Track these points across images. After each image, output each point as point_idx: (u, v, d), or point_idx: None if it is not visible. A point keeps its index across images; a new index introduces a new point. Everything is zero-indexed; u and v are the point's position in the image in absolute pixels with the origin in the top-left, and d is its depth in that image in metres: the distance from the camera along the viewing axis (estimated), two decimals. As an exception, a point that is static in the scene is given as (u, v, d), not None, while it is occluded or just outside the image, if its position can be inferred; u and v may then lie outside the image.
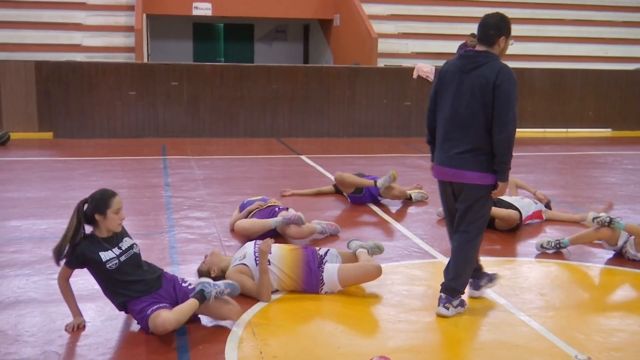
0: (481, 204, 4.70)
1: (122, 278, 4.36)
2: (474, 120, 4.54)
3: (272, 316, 4.73)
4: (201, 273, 5.19)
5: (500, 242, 6.70)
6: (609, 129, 16.52)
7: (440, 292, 4.79)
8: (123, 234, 4.52)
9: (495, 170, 4.58)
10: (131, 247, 4.48)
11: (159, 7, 19.19)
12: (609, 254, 6.20)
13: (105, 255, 4.33)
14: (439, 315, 4.69)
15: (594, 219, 6.04)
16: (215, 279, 5.05)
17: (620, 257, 6.07)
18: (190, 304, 4.34)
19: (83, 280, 4.86)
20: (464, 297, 4.86)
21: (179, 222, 7.13)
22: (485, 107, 4.50)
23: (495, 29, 4.58)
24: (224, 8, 19.99)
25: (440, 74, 4.77)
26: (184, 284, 4.60)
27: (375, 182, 7.94)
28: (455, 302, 4.74)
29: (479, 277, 5.06)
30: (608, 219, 5.95)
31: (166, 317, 4.21)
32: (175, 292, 4.52)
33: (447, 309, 4.72)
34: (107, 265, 4.32)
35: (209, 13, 19.93)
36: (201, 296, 4.38)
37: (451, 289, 4.74)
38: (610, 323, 4.69)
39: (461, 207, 4.72)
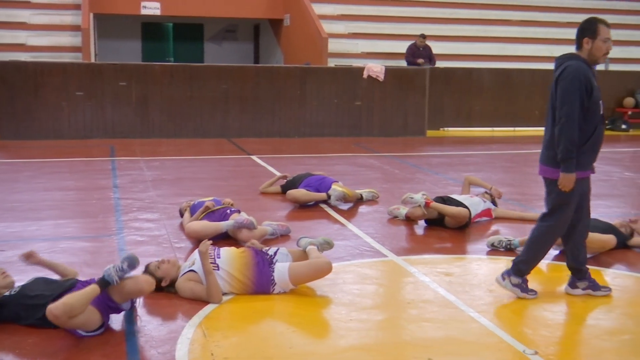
0: (553, 197, 4.93)
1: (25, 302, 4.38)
2: (549, 117, 4.92)
3: (223, 317, 4.70)
4: (151, 277, 5.07)
5: (450, 239, 6.77)
6: (555, 128, 16.83)
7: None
8: None
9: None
10: None
11: (106, 6, 18.91)
12: (556, 250, 6.31)
13: None
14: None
15: None
16: (165, 288, 5.01)
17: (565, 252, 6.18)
18: (88, 289, 4.20)
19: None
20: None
21: (128, 224, 7.04)
22: (553, 103, 4.86)
23: (580, 31, 4.93)
24: (173, 7, 19.81)
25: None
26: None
27: (329, 195, 7.91)
28: (514, 280, 4.98)
29: (580, 279, 5.16)
30: None
31: (51, 305, 4.09)
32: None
33: (503, 279, 5.04)
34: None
35: (157, 12, 19.72)
36: (103, 281, 4.25)
37: (516, 268, 5.01)
38: (556, 317, 4.79)
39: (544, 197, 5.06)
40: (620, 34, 20.22)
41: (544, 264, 6.06)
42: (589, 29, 4.86)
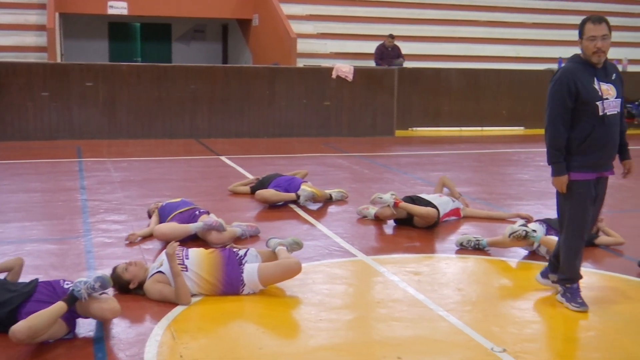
0: (560, 200, 4.96)
1: None
2: None
3: (192, 319, 4.67)
4: (119, 279, 5.02)
5: (419, 239, 6.81)
6: (522, 127, 17.04)
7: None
8: None
9: None
10: None
11: (72, 6, 18.70)
12: (526, 250, 6.36)
13: None
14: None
15: (510, 234, 6.15)
16: (133, 290, 4.97)
17: (534, 253, 6.26)
18: (54, 309, 4.12)
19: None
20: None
21: (96, 226, 6.97)
22: None
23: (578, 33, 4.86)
24: (140, 7, 19.65)
25: None
26: (65, 285, 4.44)
27: (298, 196, 7.91)
28: (569, 293, 4.95)
29: (554, 272, 5.17)
30: (524, 234, 6.10)
31: (15, 327, 3.97)
32: (57, 294, 4.35)
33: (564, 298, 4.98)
34: None
35: (124, 12, 19.55)
36: (71, 297, 4.18)
37: (561, 280, 5.03)
38: (524, 315, 4.84)
39: None
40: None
41: (512, 263, 6.13)
42: (579, 30, 4.84)
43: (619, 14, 21.76)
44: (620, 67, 18.48)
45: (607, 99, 4.73)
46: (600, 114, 4.72)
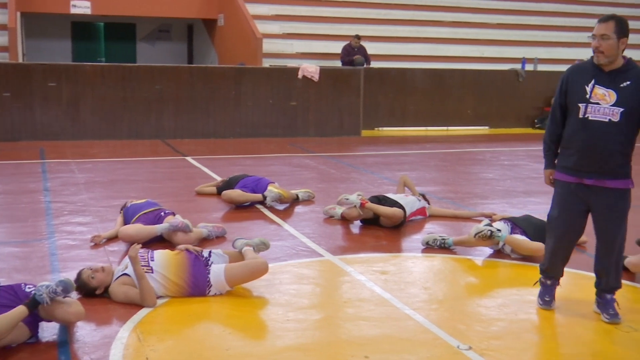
0: None
1: None
2: None
3: (158, 321, 4.63)
4: (86, 286, 4.95)
5: (385, 238, 6.84)
6: (487, 127, 17.21)
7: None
8: None
9: None
10: None
11: (34, 5, 18.43)
12: (491, 249, 6.41)
13: None
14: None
15: (475, 234, 6.20)
16: (100, 295, 4.92)
17: (499, 251, 6.32)
18: (16, 313, 4.06)
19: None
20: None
21: (60, 228, 6.88)
22: None
23: None
24: (103, 7, 19.44)
25: None
26: (27, 289, 4.37)
27: (264, 196, 7.89)
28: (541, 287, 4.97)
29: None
30: (489, 233, 6.15)
31: None
32: (19, 298, 4.28)
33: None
34: None
35: (88, 12, 19.32)
36: (33, 301, 4.13)
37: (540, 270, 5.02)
38: (489, 313, 4.89)
39: None
40: (547, 35, 20.81)
41: (478, 261, 6.18)
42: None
43: (578, 15, 22.11)
44: (531, 67, 18.54)
45: (597, 103, 4.51)
46: (581, 116, 4.56)
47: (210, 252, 5.26)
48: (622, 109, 4.47)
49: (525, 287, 5.38)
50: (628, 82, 4.48)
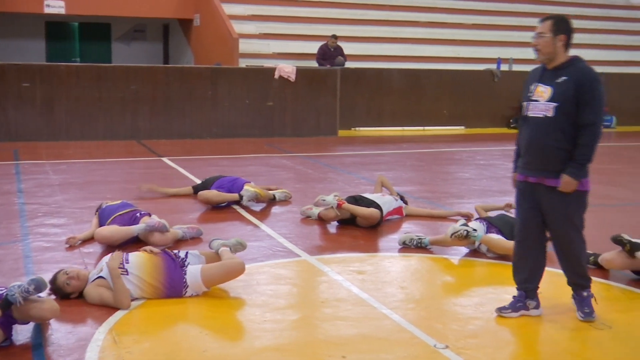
0: None
1: None
2: None
3: (134, 323, 4.60)
4: (60, 292, 4.91)
5: (362, 238, 6.85)
6: (463, 127, 17.31)
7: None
8: None
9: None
10: None
11: (6, 4, 18.25)
12: (468, 249, 6.44)
13: None
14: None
15: (452, 234, 6.22)
16: (75, 298, 4.89)
17: (475, 250, 6.35)
18: None
19: None
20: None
21: (34, 230, 6.81)
22: None
23: None
24: (78, 6, 19.28)
25: None
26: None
27: (241, 196, 7.88)
28: (530, 304, 4.80)
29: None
30: (465, 233, 6.18)
31: None
32: None
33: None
34: None
35: (62, 11, 19.15)
36: (5, 302, 4.09)
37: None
38: (466, 312, 4.91)
39: None
40: (522, 35, 20.95)
41: (454, 260, 6.21)
42: None
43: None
44: (506, 67, 18.67)
45: (535, 100, 4.58)
46: (523, 114, 4.68)
47: (186, 253, 5.24)
48: (556, 104, 4.48)
49: (502, 286, 5.42)
50: (565, 78, 4.51)
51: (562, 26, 4.59)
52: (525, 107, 4.67)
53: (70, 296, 4.88)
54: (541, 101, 4.56)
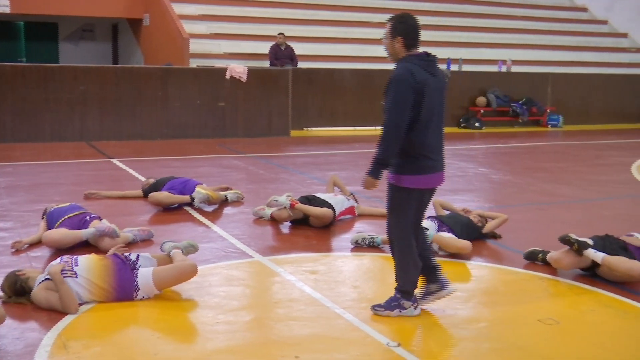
0: None
1: None
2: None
3: (84, 327, 4.53)
4: (14, 290, 4.82)
5: (315, 237, 6.86)
6: (414, 126, 17.42)
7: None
8: None
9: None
10: None
11: (-51, 3, 17.78)
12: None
13: None
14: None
15: None
16: (20, 299, 4.80)
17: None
18: None
19: None
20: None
21: (-21, 234, 6.65)
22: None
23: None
24: (23, 5, 18.87)
25: (416, 84, 4.59)
26: None
27: (192, 198, 7.82)
28: (406, 304, 4.76)
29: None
30: None
31: None
32: None
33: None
34: None
35: (7, 10, 18.72)
36: None
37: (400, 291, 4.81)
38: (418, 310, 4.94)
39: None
40: (471, 36, 21.26)
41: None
42: None
43: (499, 17, 22.67)
44: (504, 68, 19.24)
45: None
46: None
47: (138, 255, 5.18)
48: (384, 103, 4.62)
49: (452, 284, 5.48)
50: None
51: (397, 28, 4.76)
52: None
53: (21, 299, 4.79)
54: None
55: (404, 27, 4.76)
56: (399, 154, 4.60)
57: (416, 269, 4.78)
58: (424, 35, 5.13)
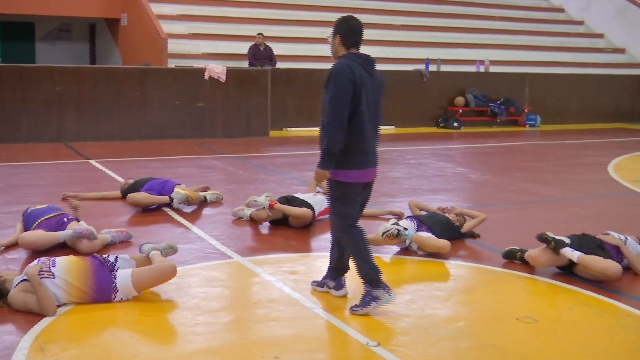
0: None
1: None
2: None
3: (62, 329, 4.49)
4: None
5: (294, 238, 6.86)
6: (393, 126, 17.50)
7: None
8: None
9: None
10: None
11: None
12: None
13: None
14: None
15: (383, 234, 6.29)
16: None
17: (406, 248, 6.43)
18: None
19: None
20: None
21: (-45, 236, 6.57)
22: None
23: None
24: (-1, 5, 18.73)
25: (355, 79, 4.70)
26: None
27: (171, 199, 7.78)
28: (378, 292, 4.81)
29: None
30: (396, 232, 6.25)
31: None
32: None
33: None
34: None
35: (-18, 10, 18.55)
36: None
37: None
38: (397, 309, 4.96)
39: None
40: (449, 36, 21.36)
41: (387, 257, 6.28)
42: None
43: (477, 17, 22.80)
44: (482, 68, 19.35)
45: None
46: None
47: (116, 257, 5.15)
48: (324, 96, 4.82)
49: (432, 283, 5.52)
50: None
51: (338, 27, 4.98)
52: None
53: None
54: None
55: (345, 27, 4.97)
56: (344, 147, 4.82)
57: (370, 253, 4.94)
58: (403, 35, 5.22)
